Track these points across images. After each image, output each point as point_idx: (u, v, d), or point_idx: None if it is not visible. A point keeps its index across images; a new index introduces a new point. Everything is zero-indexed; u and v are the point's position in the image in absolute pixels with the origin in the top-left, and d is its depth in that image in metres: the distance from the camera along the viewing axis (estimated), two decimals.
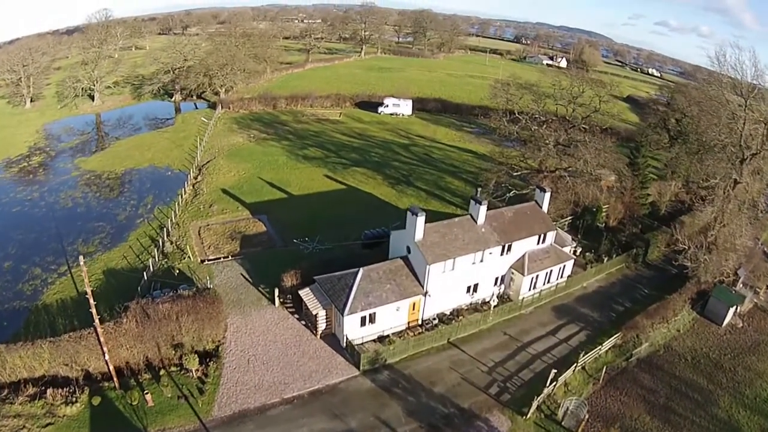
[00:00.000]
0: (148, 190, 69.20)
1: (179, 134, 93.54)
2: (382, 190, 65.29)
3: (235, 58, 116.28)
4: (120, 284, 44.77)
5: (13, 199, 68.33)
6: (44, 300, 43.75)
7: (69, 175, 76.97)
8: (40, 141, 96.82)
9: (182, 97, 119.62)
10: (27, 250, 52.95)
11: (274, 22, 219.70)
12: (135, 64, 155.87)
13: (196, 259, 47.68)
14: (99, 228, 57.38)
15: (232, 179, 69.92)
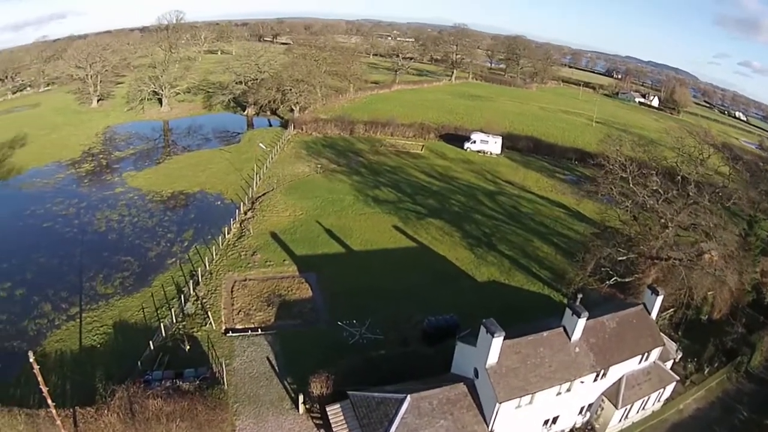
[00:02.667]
0: (190, 222, 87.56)
1: (242, 155, 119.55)
2: (459, 253, 75.30)
3: (311, 74, 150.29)
4: (126, 346, 56.90)
5: (48, 211, 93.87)
6: (45, 347, 58.03)
7: (112, 191, 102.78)
8: (96, 146, 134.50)
9: (255, 112, 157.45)
10: (44, 278, 71.60)
11: (365, 38, 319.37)
12: (207, 70, 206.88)
13: (219, 329, 58.08)
14: (125, 264, 74.81)
15: (286, 221, 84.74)
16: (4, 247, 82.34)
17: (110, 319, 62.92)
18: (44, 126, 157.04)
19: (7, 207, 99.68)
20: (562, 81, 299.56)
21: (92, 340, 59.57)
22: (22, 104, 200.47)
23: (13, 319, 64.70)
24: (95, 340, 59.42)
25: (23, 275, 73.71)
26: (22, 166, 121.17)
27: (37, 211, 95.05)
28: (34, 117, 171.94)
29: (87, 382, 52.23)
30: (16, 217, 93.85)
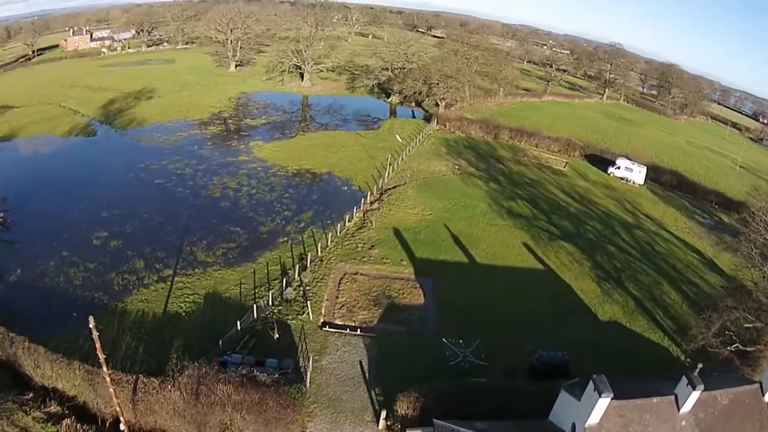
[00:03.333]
0: (311, 203, 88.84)
1: (378, 143, 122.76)
2: (585, 284, 74.39)
3: (461, 71, 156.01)
4: (213, 320, 57.99)
5: (162, 168, 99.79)
6: (127, 304, 60.85)
7: (235, 158, 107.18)
8: (227, 110, 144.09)
9: (399, 101, 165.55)
10: (144, 235, 75.62)
11: (521, 43, 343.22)
12: (354, 52, 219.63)
13: (316, 321, 58.27)
14: (232, 235, 77.02)
15: (413, 218, 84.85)
16: (110, 196, 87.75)
17: (203, 289, 64.67)
18: (176, 82, 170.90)
19: (121, 157, 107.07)
20: (710, 117, 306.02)
21: (178, 307, 61.02)
22: (156, 58, 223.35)
23: (101, 270, 68.17)
24: (182, 308, 60.85)
25: (123, 228, 78.03)
26: (145, 118, 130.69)
27: (152, 166, 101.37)
28: (167, 72, 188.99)
29: (161, 350, 53.59)
30: (128, 169, 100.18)
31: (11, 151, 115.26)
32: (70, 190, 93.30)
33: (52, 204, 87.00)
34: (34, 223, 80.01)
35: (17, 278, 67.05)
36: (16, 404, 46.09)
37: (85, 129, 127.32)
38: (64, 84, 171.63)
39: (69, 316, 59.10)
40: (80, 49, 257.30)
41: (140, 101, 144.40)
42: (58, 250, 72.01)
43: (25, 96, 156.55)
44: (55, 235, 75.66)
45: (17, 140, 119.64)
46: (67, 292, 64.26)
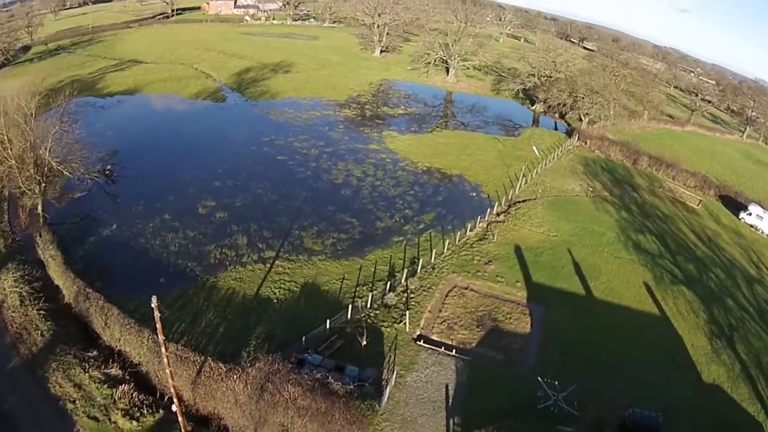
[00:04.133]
0: (435, 205, 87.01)
1: (515, 151, 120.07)
2: (696, 339, 70.24)
3: (607, 88, 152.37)
4: (303, 313, 57.85)
5: (287, 145, 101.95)
6: (218, 280, 61.92)
7: (365, 145, 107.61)
8: (366, 95, 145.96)
9: (543, 110, 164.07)
10: (253, 211, 77.04)
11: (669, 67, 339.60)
12: (502, 53, 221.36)
13: (411, 333, 57.29)
14: (346, 226, 76.79)
15: (537, 238, 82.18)
16: (226, 166, 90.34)
17: (302, 278, 64.73)
18: (317, 60, 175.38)
19: (246, 128, 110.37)
20: None
21: (272, 292, 61.23)
22: (301, 33, 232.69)
23: (200, 240, 70.00)
24: (275, 294, 61.01)
25: (233, 200, 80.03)
26: (279, 92, 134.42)
27: (276, 141, 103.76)
28: (309, 49, 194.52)
29: (242, 334, 53.86)
30: (252, 141, 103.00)
31: (132, 105, 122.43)
32: (185, 152, 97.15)
33: (164, 164, 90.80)
34: (142, 181, 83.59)
35: (111, 233, 70.15)
36: (77, 359, 47.92)
37: (214, 94, 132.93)
38: (199, 46, 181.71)
39: (156, 281, 60.95)
40: (222, 14, 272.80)
41: (276, 74, 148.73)
42: (160, 212, 74.84)
43: (157, 53, 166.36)
44: (160, 197, 78.73)
45: (141, 95, 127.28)
46: (160, 256, 66.35)
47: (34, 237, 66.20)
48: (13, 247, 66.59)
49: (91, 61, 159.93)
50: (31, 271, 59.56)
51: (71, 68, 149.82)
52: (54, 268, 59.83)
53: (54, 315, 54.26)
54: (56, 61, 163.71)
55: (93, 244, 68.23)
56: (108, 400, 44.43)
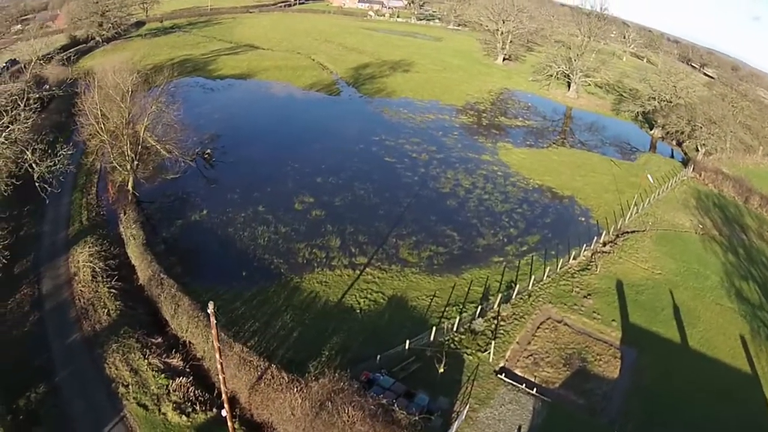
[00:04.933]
0: (541, 226, 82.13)
1: (629, 177, 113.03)
2: None
3: (725, 119, 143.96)
4: (385, 327, 54.83)
5: (398, 147, 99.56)
6: (303, 281, 60.02)
7: (478, 155, 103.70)
8: (484, 102, 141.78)
9: (661, 135, 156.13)
10: (352, 212, 74.94)
11: None
12: (623, 73, 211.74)
13: (494, 364, 53.64)
14: (447, 239, 73.20)
15: (640, 274, 76.33)
16: (330, 162, 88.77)
17: (391, 290, 61.87)
18: (438, 62, 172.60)
19: (357, 124, 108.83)
20: None
21: (356, 301, 58.89)
22: (424, 33, 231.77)
23: (291, 236, 68.51)
24: (359, 303, 58.62)
25: (332, 198, 78.22)
26: (395, 91, 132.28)
27: (387, 142, 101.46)
28: (431, 50, 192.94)
29: (317, 341, 51.72)
30: (361, 139, 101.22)
31: (242, 90, 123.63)
32: (290, 144, 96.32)
33: (267, 154, 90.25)
34: (240, 169, 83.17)
35: (200, 219, 69.75)
36: (139, 344, 47.45)
37: (329, 87, 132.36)
38: (319, 37, 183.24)
39: (237, 274, 59.90)
40: (346, 7, 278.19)
41: (395, 72, 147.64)
42: (255, 203, 74.02)
43: (275, 40, 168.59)
44: (257, 187, 78.02)
45: (253, 81, 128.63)
46: (247, 248, 65.35)
47: (118, 213, 66.77)
48: (96, 221, 67.41)
49: (206, 42, 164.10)
50: (109, 248, 60.09)
51: (185, 47, 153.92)
52: (133, 248, 59.75)
53: (124, 295, 54.29)
54: (170, 40, 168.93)
55: (180, 227, 68.14)
56: (162, 390, 43.76)
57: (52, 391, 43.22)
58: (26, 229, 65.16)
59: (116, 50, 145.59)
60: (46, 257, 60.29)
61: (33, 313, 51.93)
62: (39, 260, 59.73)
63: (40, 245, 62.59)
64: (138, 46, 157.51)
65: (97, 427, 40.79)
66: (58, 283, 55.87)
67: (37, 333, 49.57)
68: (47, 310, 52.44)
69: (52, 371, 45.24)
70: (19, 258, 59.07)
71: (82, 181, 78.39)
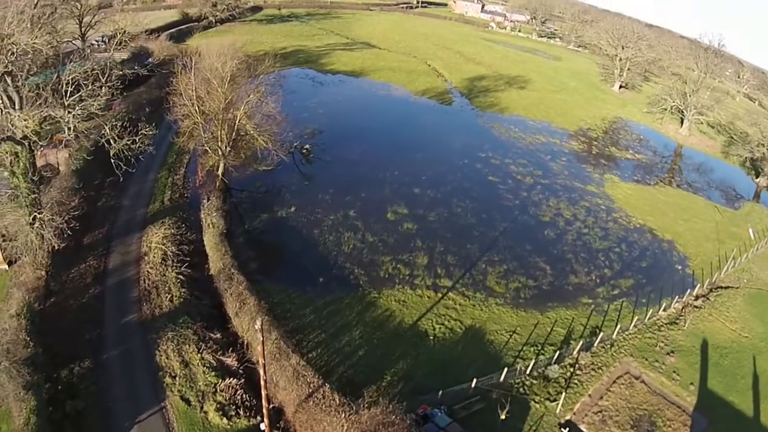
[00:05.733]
0: (636, 271, 76.33)
1: (732, 226, 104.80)
2: None
3: None
4: (457, 360, 51.70)
5: (502, 166, 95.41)
6: (381, 296, 57.26)
7: (583, 185, 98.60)
8: (596, 129, 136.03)
9: (766, 184, 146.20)
10: (445, 229, 71.53)
11: None
12: (735, 114, 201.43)
13: (560, 416, 50.82)
14: (537, 272, 68.76)
15: (727, 335, 70.38)
16: (432, 174, 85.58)
17: (470, 319, 58.35)
18: (554, 82, 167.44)
19: (464, 137, 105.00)
20: None
21: (431, 327, 55.56)
22: (544, 51, 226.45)
23: (378, 247, 65.94)
24: (435, 329, 55.32)
25: (426, 212, 75.19)
26: (508, 107, 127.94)
27: (492, 160, 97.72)
28: (549, 69, 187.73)
29: (380, 364, 48.76)
30: (467, 153, 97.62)
31: (352, 88, 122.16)
32: (393, 149, 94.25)
33: (367, 157, 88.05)
34: (337, 169, 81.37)
35: (287, 215, 68.12)
36: (196, 336, 46.25)
37: (441, 95, 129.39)
38: (437, 43, 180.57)
39: (314, 279, 58.04)
40: (468, 15, 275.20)
41: (510, 88, 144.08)
42: (346, 207, 72.06)
43: (392, 41, 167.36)
44: (352, 190, 76.05)
45: (364, 80, 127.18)
46: (329, 253, 63.50)
47: (202, 198, 65.94)
48: (178, 203, 67.03)
49: (322, 35, 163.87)
50: (186, 232, 59.54)
51: (300, 38, 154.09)
52: (210, 236, 58.62)
53: (192, 283, 53.28)
54: (285, 28, 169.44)
55: (264, 221, 66.82)
56: (209, 388, 42.41)
57: (96, 368, 42.78)
58: (105, 201, 65.53)
59: (228, 32, 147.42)
60: (119, 232, 60.15)
61: (94, 286, 51.60)
62: (112, 234, 59.58)
63: (116, 219, 62.61)
64: (252, 31, 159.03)
65: (134, 412, 40.03)
66: (127, 260, 55.45)
67: (95, 307, 49.18)
68: (109, 286, 52.08)
69: (100, 348, 44.83)
70: (92, 229, 59.12)
71: (171, 160, 79.11)
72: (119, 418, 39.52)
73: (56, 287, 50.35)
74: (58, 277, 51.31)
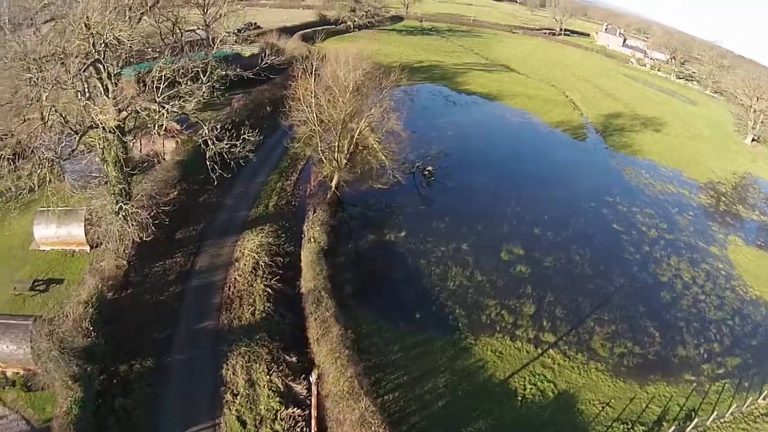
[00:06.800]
0: (745, 349, 66.20)
1: None
2: None
3: None
4: (533, 429, 46.11)
5: (629, 215, 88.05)
6: (477, 343, 52.29)
7: (706, 245, 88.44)
8: (725, 184, 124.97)
9: None
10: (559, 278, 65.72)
11: None
12: None
13: None
14: (646, 338, 60.88)
15: None
16: (555, 214, 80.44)
17: (565, 383, 52.19)
18: (688, 127, 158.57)
19: (593, 178, 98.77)
20: None
21: (522, 386, 49.95)
22: (681, 93, 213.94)
23: (485, 288, 60.93)
24: (525, 389, 49.67)
25: (543, 256, 69.52)
26: (641, 150, 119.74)
27: (620, 206, 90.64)
28: (685, 113, 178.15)
29: (457, 420, 44.69)
30: (594, 196, 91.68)
31: (485, 111, 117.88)
32: (517, 182, 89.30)
33: (490, 187, 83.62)
34: (457, 197, 77.46)
35: (395, 240, 64.68)
36: (270, 356, 43.38)
37: (576, 129, 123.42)
38: (576, 74, 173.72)
39: (411, 313, 54.12)
40: (608, 49, 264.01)
41: (645, 129, 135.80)
42: (459, 239, 67.65)
43: (532, 67, 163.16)
44: (468, 222, 71.69)
45: (498, 104, 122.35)
46: (432, 288, 59.23)
47: (308, 209, 62.82)
48: (283, 210, 64.48)
49: (461, 53, 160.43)
50: (284, 243, 56.89)
51: (438, 53, 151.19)
52: (307, 251, 55.01)
53: (279, 298, 50.30)
54: (424, 41, 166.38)
55: (370, 242, 63.38)
56: (269, 414, 39.32)
57: (157, 369, 41.26)
58: (207, 197, 63.29)
59: (364, 39, 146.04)
60: (215, 232, 58.11)
61: (176, 285, 49.70)
62: (206, 233, 57.67)
63: (214, 218, 60.62)
64: (390, 40, 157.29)
65: (184, 423, 38.03)
66: (216, 263, 53.23)
67: (171, 306, 47.37)
68: (191, 287, 50.00)
69: (167, 349, 43.06)
70: (187, 224, 57.34)
71: (285, 164, 76.61)
72: (167, 425, 37.63)
73: (136, 278, 48.63)
74: (140, 268, 49.54)
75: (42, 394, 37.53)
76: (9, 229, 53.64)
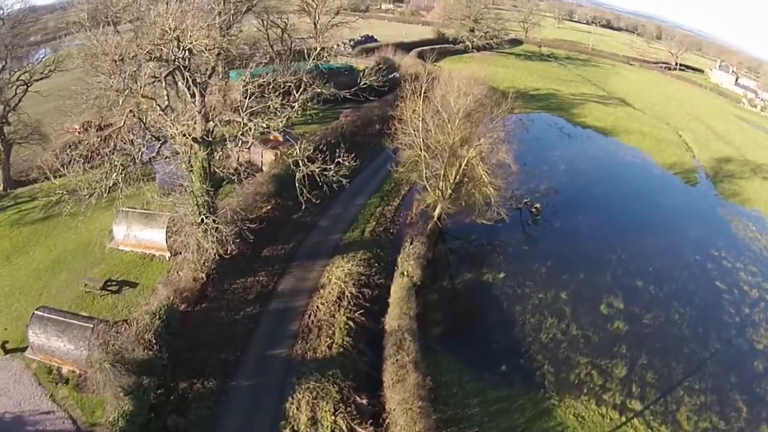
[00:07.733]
0: None
1: None
2: None
3: None
4: None
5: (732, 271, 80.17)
6: (559, 405, 47.87)
7: None
8: None
9: None
10: (658, 336, 60.34)
11: None
12: None
13: None
14: (733, 411, 53.74)
15: None
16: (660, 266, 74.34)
17: None
18: None
19: (702, 227, 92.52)
20: None
21: None
22: None
23: (578, 344, 56.39)
24: None
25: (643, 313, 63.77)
26: (750, 199, 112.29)
27: (725, 261, 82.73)
28: None
29: None
30: (699, 247, 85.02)
31: (599, 147, 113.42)
32: (624, 227, 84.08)
33: (596, 230, 79.65)
34: (562, 239, 73.76)
35: (493, 281, 61.32)
36: (339, 395, 40.41)
37: (687, 172, 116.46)
38: (690, 112, 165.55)
39: (497, 364, 50.49)
40: (721, 87, 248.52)
41: (755, 176, 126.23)
42: (559, 286, 63.29)
43: (646, 102, 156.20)
44: (570, 268, 67.33)
45: (612, 140, 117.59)
46: (524, 338, 55.40)
47: (405, 239, 59.58)
48: (379, 238, 61.58)
49: (578, 83, 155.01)
50: (375, 274, 54.01)
51: (556, 81, 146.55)
52: (397, 286, 51.87)
53: (360, 333, 47.59)
54: (542, 67, 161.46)
55: (466, 282, 60.04)
56: None
57: (218, 392, 39.67)
58: (300, 215, 60.45)
59: (481, 61, 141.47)
60: (304, 254, 55.93)
61: (254, 305, 47.89)
62: (295, 254, 55.53)
63: (306, 238, 58.50)
64: (507, 64, 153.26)
65: None
66: (300, 287, 51.00)
67: (246, 327, 45.57)
68: (270, 309, 48.02)
69: (233, 372, 41.40)
70: (276, 242, 55.44)
71: (388, 188, 73.66)
72: None
73: (213, 293, 47.02)
74: (219, 284, 47.93)
75: (93, 397, 36.73)
76: (90, 224, 52.89)
